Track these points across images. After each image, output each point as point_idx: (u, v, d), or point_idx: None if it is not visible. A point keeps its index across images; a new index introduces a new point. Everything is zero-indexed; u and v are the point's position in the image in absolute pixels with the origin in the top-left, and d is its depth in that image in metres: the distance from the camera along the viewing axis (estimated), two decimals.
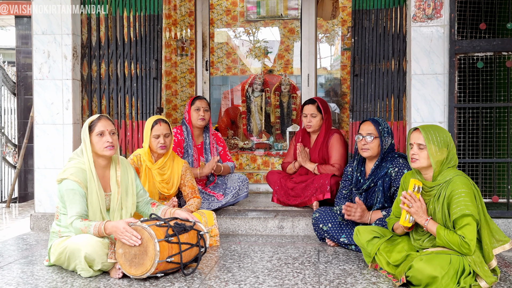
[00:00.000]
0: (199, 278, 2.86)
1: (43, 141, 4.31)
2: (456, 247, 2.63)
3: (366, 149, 3.43)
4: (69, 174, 2.97)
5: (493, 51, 3.82)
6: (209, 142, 4.38)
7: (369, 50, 4.16)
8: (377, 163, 3.43)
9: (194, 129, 4.34)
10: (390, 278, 2.83)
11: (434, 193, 2.78)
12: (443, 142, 2.76)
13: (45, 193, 4.31)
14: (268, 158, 6.10)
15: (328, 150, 4.28)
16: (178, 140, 4.25)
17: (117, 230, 2.80)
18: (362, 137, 3.45)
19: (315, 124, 4.31)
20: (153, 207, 3.33)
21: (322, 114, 4.31)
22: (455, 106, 3.86)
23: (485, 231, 2.71)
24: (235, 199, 4.34)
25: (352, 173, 3.59)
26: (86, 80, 4.42)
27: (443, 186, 2.75)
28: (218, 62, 6.59)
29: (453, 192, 2.68)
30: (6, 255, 3.44)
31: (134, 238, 2.76)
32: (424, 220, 2.75)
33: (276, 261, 3.22)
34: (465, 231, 2.62)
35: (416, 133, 2.82)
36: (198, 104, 4.30)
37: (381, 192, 3.39)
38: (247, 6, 6.52)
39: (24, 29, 7.35)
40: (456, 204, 2.65)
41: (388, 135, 3.44)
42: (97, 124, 3.07)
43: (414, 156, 2.80)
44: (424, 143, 2.76)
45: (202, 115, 4.27)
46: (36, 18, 4.29)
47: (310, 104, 4.34)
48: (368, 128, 3.44)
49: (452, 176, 2.74)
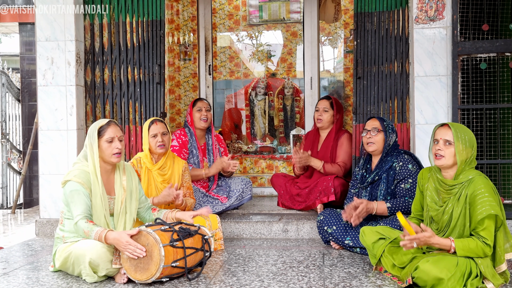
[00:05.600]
0: (204, 283, 2.86)
1: (48, 147, 4.32)
2: (481, 252, 2.59)
3: (371, 143, 3.48)
4: (72, 176, 2.98)
5: (496, 52, 3.81)
6: (212, 143, 4.41)
7: (372, 52, 4.16)
8: (381, 157, 3.49)
9: (197, 131, 4.37)
10: (395, 281, 2.82)
11: (455, 191, 2.72)
12: (470, 141, 2.71)
13: (50, 198, 4.33)
14: (272, 161, 6.09)
15: (337, 149, 4.30)
16: (182, 142, 4.28)
17: (119, 243, 2.76)
18: (368, 131, 3.50)
19: (326, 119, 4.34)
20: (154, 212, 3.34)
21: (334, 111, 4.33)
22: (458, 107, 3.85)
23: (501, 234, 2.67)
24: (239, 202, 4.35)
25: (359, 171, 3.63)
26: (90, 86, 4.43)
27: (465, 185, 2.69)
28: (221, 66, 6.60)
29: (476, 191, 2.63)
30: (11, 261, 3.45)
31: (139, 250, 2.73)
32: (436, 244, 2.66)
33: (281, 265, 3.21)
34: (487, 233, 2.59)
35: (443, 129, 2.74)
36: (200, 104, 4.35)
37: (385, 184, 3.43)
38: (249, 10, 6.53)
39: (28, 35, 7.39)
40: (481, 204, 2.59)
41: (392, 132, 3.50)
42: (107, 130, 3.05)
43: (439, 153, 2.72)
44: (452, 140, 2.69)
45: (204, 115, 4.31)
46: (39, 25, 4.31)
47: (324, 100, 4.42)
48: (373, 123, 3.52)
49: (474, 176, 2.69)
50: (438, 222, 2.81)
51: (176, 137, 4.29)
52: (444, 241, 2.64)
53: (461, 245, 2.61)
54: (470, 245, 2.60)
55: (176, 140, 4.27)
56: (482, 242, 2.59)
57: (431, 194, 2.86)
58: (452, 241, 2.63)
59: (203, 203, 4.15)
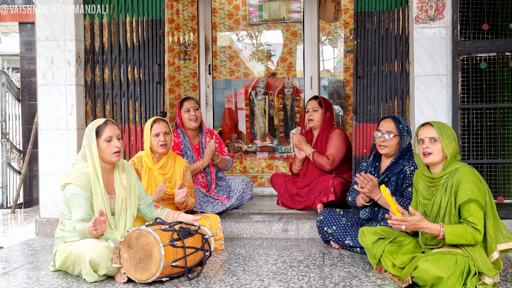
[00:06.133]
0: (204, 282, 2.86)
1: (48, 146, 4.32)
2: (470, 237, 2.61)
3: (384, 146, 3.41)
4: (72, 178, 2.98)
5: (496, 52, 3.81)
6: (205, 141, 4.38)
7: (372, 52, 4.16)
8: (393, 161, 3.42)
9: (188, 131, 4.33)
10: (395, 281, 2.83)
11: (442, 182, 2.78)
12: (452, 135, 2.80)
13: (50, 198, 4.33)
14: (272, 161, 6.10)
15: (327, 144, 4.32)
16: (175, 143, 4.24)
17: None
18: (381, 134, 3.43)
19: (316, 118, 4.38)
20: (157, 209, 3.33)
21: (323, 109, 4.36)
22: (458, 107, 3.85)
23: (490, 222, 2.71)
24: (239, 202, 4.35)
25: (367, 167, 3.59)
26: (90, 85, 4.43)
27: (451, 175, 2.76)
28: (221, 65, 6.60)
29: (460, 179, 2.70)
30: (11, 261, 3.45)
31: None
32: (425, 229, 2.72)
33: (281, 264, 3.21)
34: (474, 219, 2.63)
35: (426, 128, 2.83)
36: (186, 105, 4.29)
37: (393, 187, 3.38)
38: (249, 9, 6.53)
39: (27, 35, 7.38)
40: (463, 190, 2.66)
41: (407, 134, 3.43)
42: (104, 129, 3.05)
43: (427, 150, 2.79)
44: (437, 136, 2.77)
45: (193, 115, 4.25)
46: (39, 25, 4.31)
47: (312, 100, 4.47)
48: (388, 126, 3.42)
49: (460, 166, 2.77)
50: (429, 215, 2.86)
51: None
52: (433, 225, 2.69)
53: (450, 229, 2.64)
54: (460, 230, 2.63)
55: None
56: (471, 227, 2.63)
57: (421, 192, 2.92)
58: (441, 226, 2.67)
59: (203, 203, 4.15)
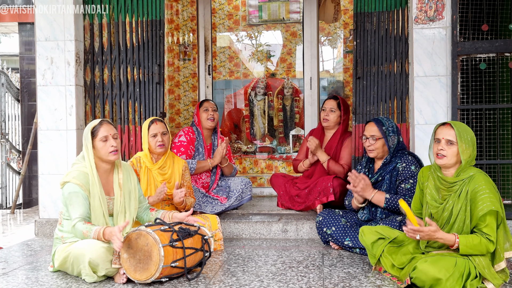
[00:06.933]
0: (203, 283, 2.86)
1: (47, 147, 4.32)
2: (484, 249, 2.59)
3: (370, 150, 3.48)
4: (71, 177, 2.98)
5: (495, 52, 3.81)
6: (217, 144, 4.45)
7: (372, 52, 4.16)
8: (385, 161, 3.46)
9: (204, 131, 4.42)
10: (394, 281, 2.82)
11: (456, 188, 2.72)
12: (471, 140, 2.71)
13: (49, 199, 4.32)
14: (271, 161, 6.09)
15: (341, 150, 4.30)
16: (190, 138, 4.31)
17: (112, 236, 2.74)
18: (366, 139, 3.48)
19: (332, 119, 4.33)
20: (152, 212, 3.34)
21: (341, 111, 4.33)
22: (458, 107, 3.85)
23: (501, 231, 2.67)
24: (238, 202, 4.35)
25: (361, 170, 3.61)
26: (89, 85, 4.43)
27: (465, 182, 2.70)
28: (220, 66, 6.60)
29: (477, 188, 2.63)
30: (11, 261, 3.45)
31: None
32: (440, 239, 2.67)
33: (281, 265, 3.21)
34: (489, 230, 2.59)
35: (445, 129, 2.74)
36: (206, 105, 4.42)
37: (387, 185, 3.41)
38: (249, 10, 6.53)
39: (27, 35, 7.38)
40: (482, 200, 2.59)
41: (393, 133, 3.45)
42: (99, 129, 3.07)
43: (441, 152, 2.72)
44: (455, 140, 2.69)
45: (211, 115, 4.36)
46: (39, 25, 4.31)
47: (331, 99, 4.38)
48: (371, 130, 3.47)
49: (475, 173, 2.70)
50: (437, 220, 2.81)
51: (185, 133, 4.31)
52: (448, 236, 2.63)
53: (464, 241, 2.60)
54: (474, 241, 2.59)
55: (185, 136, 4.29)
56: (485, 239, 2.59)
57: (431, 192, 2.86)
58: (456, 236, 2.62)
59: (202, 204, 4.16)
